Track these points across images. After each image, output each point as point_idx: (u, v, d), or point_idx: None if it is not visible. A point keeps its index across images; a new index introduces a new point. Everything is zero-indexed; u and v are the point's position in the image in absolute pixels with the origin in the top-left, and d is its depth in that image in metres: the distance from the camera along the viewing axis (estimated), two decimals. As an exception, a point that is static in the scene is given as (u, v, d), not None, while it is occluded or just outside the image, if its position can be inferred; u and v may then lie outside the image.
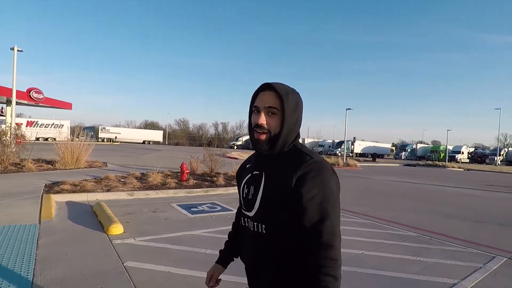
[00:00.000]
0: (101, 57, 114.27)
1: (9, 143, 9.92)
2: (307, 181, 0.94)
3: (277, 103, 1.01)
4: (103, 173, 9.89)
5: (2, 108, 34.45)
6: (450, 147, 50.21)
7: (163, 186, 8.17)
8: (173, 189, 7.75)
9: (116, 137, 48.08)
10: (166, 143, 58.99)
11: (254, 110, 1.05)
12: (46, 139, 36.06)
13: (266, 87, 1.04)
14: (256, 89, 1.07)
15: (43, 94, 23.74)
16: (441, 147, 50.78)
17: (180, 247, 3.88)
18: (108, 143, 43.06)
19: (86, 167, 11.21)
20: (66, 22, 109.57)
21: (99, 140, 44.76)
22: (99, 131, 47.51)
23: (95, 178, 8.55)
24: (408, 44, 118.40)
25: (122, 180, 8.56)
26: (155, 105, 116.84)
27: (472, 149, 52.72)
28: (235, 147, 52.07)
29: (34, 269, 3.01)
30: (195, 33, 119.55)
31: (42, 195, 6.01)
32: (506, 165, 42.89)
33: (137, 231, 4.44)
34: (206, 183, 9.16)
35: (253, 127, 1.05)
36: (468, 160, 48.83)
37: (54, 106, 27.05)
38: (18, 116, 28.44)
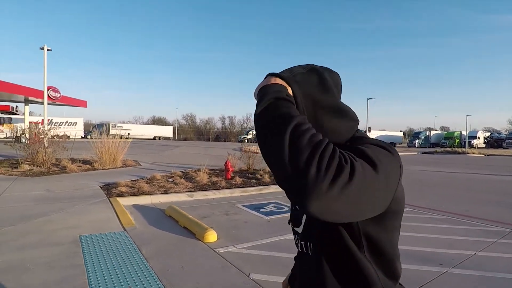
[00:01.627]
0: (104, 53, 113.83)
1: (48, 143, 9.76)
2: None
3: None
4: (143, 172, 9.73)
5: (16, 107, 34.52)
6: (465, 133, 49.59)
7: (213, 185, 7.97)
8: (225, 189, 7.54)
9: (128, 134, 48.11)
10: (176, 138, 58.95)
11: None
12: (61, 137, 36.10)
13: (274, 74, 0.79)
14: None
15: (60, 93, 23.62)
16: (455, 133, 50.13)
17: (289, 255, 3.66)
18: (120, 139, 43.06)
19: (122, 167, 11.06)
20: (67, 20, 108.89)
21: (110, 136, 44.80)
22: (110, 127, 47.52)
23: (142, 179, 8.37)
24: (408, 30, 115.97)
25: (170, 180, 8.38)
26: (162, 100, 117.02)
27: (487, 134, 51.87)
28: (246, 140, 51.85)
29: (164, 285, 2.81)
30: (200, 27, 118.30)
31: (109, 199, 5.83)
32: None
33: (228, 237, 4.24)
34: (253, 180, 8.94)
35: None
36: (484, 145, 48.08)
37: (70, 104, 27.00)
38: (30, 115, 28.42)
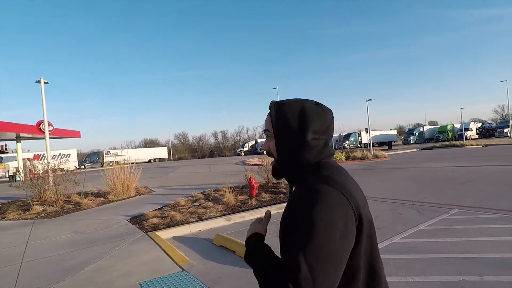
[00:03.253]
0: (84, 83, 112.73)
1: (54, 179, 9.18)
2: (289, 212, 0.83)
3: (269, 124, 0.93)
4: (161, 199, 9.24)
5: (6, 145, 33.40)
6: (457, 126, 50.35)
7: (244, 205, 7.56)
8: (258, 208, 7.14)
9: (125, 160, 47.07)
10: (171, 159, 58.06)
11: None
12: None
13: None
14: None
15: (52, 126, 22.86)
16: (448, 126, 50.85)
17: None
18: (111, 167, 41.94)
19: (136, 195, 10.50)
20: (37, 43, 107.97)
21: (105, 164, 43.72)
22: (104, 155, 46.42)
23: (166, 206, 7.89)
24: (389, 31, 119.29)
25: (196, 204, 7.91)
26: (152, 122, 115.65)
27: (479, 125, 52.82)
28: (243, 153, 51.43)
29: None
30: (185, 45, 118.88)
31: (148, 235, 5.34)
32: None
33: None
34: (281, 195, 8.55)
35: None
36: (477, 136, 48.84)
37: (63, 136, 26.13)
38: (19, 152, 27.37)
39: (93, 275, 3.77)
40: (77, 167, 38.78)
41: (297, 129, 0.86)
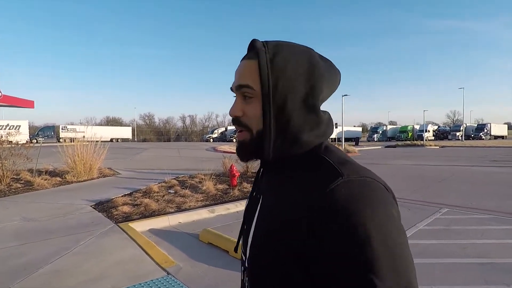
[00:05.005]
0: (51, 48, 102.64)
1: (9, 153, 7.79)
2: (333, 226, 0.47)
3: (254, 75, 0.57)
4: (130, 183, 8.30)
5: None
6: (417, 127, 53.36)
7: (226, 195, 6.92)
8: (242, 199, 6.54)
9: (84, 136, 43.67)
10: (135, 140, 55.16)
11: None
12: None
13: (248, 50, 0.61)
14: None
15: (1, 92, 20.21)
16: (409, 127, 53.78)
17: None
18: (72, 143, 38.81)
19: (99, 177, 9.38)
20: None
21: (61, 140, 40.23)
22: (60, 130, 42.70)
23: (137, 192, 7.00)
24: (359, 30, 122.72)
25: (172, 191, 7.11)
26: (116, 100, 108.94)
27: (435, 127, 56.49)
28: (211, 140, 50.14)
29: None
30: (153, 24, 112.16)
31: (119, 226, 4.50)
32: (465, 139, 46.45)
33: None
34: (264, 185, 8.01)
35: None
36: (433, 138, 52.18)
37: (14, 104, 23.14)
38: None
39: (51, 279, 2.92)
40: (29, 140, 35.17)
41: (303, 90, 0.57)
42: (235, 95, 0.62)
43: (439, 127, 58.60)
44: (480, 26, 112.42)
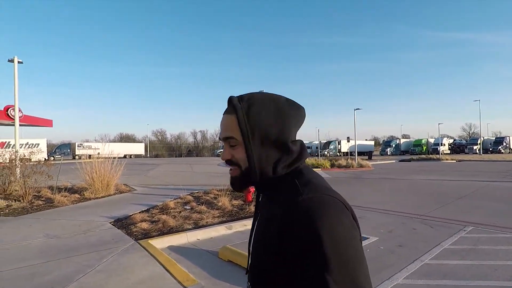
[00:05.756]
0: (69, 69, 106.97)
1: (31, 171, 8.03)
2: (294, 233, 0.62)
3: (234, 128, 0.73)
4: (146, 199, 8.37)
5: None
6: (431, 140, 52.27)
7: (242, 211, 6.89)
8: (259, 214, 6.49)
9: (99, 153, 44.60)
10: (148, 155, 55.93)
11: None
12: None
13: (228, 105, 0.78)
14: None
15: (22, 112, 21.00)
16: (423, 141, 52.69)
17: None
18: (90, 160, 39.63)
19: (116, 193, 9.51)
20: (20, 33, 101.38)
21: (76, 157, 41.17)
22: (76, 147, 43.79)
23: (153, 208, 7.05)
24: (371, 45, 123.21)
25: (188, 207, 7.14)
26: (129, 117, 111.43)
27: (451, 140, 55.16)
28: (223, 154, 50.30)
29: None
30: (168, 41, 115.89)
31: (139, 244, 4.52)
32: (483, 153, 45.07)
33: None
34: (280, 202, 7.95)
35: None
36: (449, 151, 50.89)
37: (34, 124, 24.20)
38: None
39: (77, 298, 2.95)
40: (46, 158, 36.16)
41: (276, 134, 0.72)
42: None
43: (454, 140, 57.16)
44: (496, 38, 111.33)
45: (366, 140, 59.62)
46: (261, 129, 0.72)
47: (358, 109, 23.06)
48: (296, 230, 0.61)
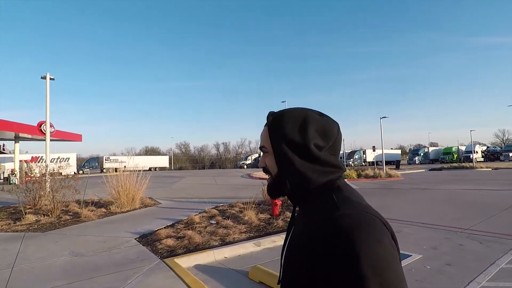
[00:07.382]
0: (93, 86, 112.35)
1: (59, 186, 8.16)
2: (331, 250, 0.60)
3: (266, 139, 0.82)
4: (170, 213, 8.25)
5: (4, 145, 32.26)
6: (462, 148, 49.65)
7: (269, 226, 6.58)
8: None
9: (125, 166, 45.90)
10: (172, 168, 56.89)
11: None
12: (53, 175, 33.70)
13: (267, 119, 0.85)
14: None
15: (54, 127, 21.99)
16: (453, 148, 50.17)
17: None
18: (116, 173, 40.81)
19: (141, 207, 9.48)
20: (44, 50, 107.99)
21: (104, 170, 42.52)
22: (104, 161, 45.30)
23: (178, 223, 6.88)
24: (395, 52, 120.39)
25: (213, 222, 6.92)
26: (154, 130, 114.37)
27: (484, 148, 52.17)
28: (245, 166, 50.30)
29: None
30: (192, 54, 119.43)
31: (165, 262, 4.31)
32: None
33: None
34: (308, 215, 7.56)
35: None
36: (482, 159, 48.06)
37: (64, 139, 25.28)
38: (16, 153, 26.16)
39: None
40: (76, 172, 37.58)
41: (300, 143, 0.75)
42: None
43: (488, 147, 53.94)
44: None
45: (391, 149, 57.57)
46: (287, 139, 0.75)
47: (385, 117, 22.20)
48: (332, 248, 0.60)
